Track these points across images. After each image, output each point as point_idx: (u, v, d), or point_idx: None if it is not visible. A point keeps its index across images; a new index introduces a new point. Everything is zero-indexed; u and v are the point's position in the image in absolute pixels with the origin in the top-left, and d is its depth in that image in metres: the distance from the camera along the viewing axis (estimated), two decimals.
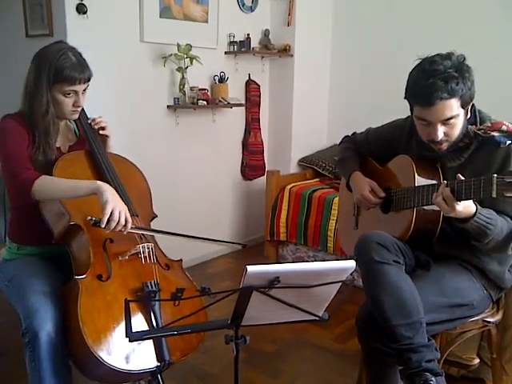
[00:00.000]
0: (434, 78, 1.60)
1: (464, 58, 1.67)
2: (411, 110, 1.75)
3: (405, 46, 3.65)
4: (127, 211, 1.71)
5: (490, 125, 1.68)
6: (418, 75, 1.66)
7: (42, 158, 1.80)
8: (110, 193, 1.68)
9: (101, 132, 1.96)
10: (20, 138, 1.78)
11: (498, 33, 3.37)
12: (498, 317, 1.90)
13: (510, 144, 1.62)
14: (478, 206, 1.59)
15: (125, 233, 1.71)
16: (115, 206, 1.66)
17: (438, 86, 1.59)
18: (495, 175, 1.43)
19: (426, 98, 1.63)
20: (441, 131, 1.67)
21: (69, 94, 1.79)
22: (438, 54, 1.67)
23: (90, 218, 1.68)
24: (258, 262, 1.24)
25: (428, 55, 1.68)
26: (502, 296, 1.92)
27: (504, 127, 1.64)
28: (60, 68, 1.75)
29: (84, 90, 1.83)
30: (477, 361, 2.25)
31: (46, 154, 1.81)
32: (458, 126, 1.68)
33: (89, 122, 1.95)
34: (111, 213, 1.65)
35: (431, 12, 3.62)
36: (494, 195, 1.43)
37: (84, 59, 1.83)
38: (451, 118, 1.65)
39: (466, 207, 1.55)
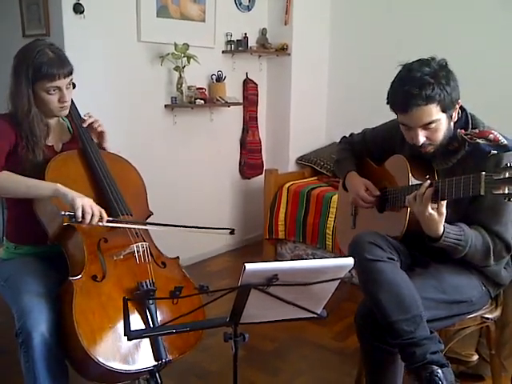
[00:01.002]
0: (409, 86, 1.63)
1: (446, 63, 1.68)
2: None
3: (404, 45, 3.64)
4: (96, 205, 1.70)
5: (477, 131, 1.68)
6: (396, 82, 1.71)
7: (33, 157, 1.80)
8: (73, 191, 1.68)
9: (99, 129, 1.96)
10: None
11: (497, 33, 3.36)
12: (497, 313, 1.90)
13: (496, 153, 1.62)
14: (447, 228, 1.62)
15: (102, 224, 1.69)
16: (83, 200, 1.66)
17: (413, 93, 1.62)
18: (483, 173, 1.44)
19: (401, 105, 1.67)
20: (422, 136, 1.69)
21: (52, 90, 1.78)
22: (418, 60, 1.69)
23: (63, 213, 1.64)
24: (256, 260, 1.24)
25: (408, 61, 1.70)
26: (500, 292, 1.92)
27: (491, 136, 1.63)
28: (38, 66, 1.73)
29: (69, 85, 1.82)
30: (476, 357, 2.25)
31: (35, 153, 1.80)
32: (441, 130, 1.69)
33: (82, 117, 1.94)
34: (83, 206, 1.64)
35: (431, 10, 3.61)
36: (482, 193, 1.44)
37: (63, 54, 1.81)
38: (431, 123, 1.66)
39: (436, 221, 1.59)
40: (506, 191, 1.39)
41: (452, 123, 1.73)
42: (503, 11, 3.33)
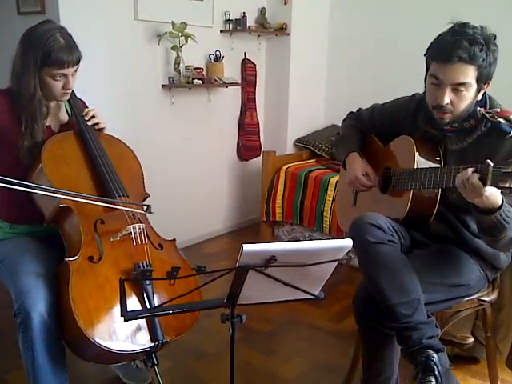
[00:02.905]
0: (459, 37, 1.58)
1: (495, 37, 1.63)
2: (427, 68, 1.71)
3: (406, 24, 3.58)
4: None
5: (499, 111, 1.65)
6: (446, 33, 1.65)
7: (30, 142, 1.78)
8: None
9: (96, 127, 1.94)
10: None
11: (500, 17, 3.30)
12: (494, 296, 1.91)
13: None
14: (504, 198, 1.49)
15: None
16: None
17: (462, 45, 1.57)
18: (492, 164, 1.39)
19: (446, 54, 1.59)
20: (448, 96, 1.63)
21: (58, 76, 1.76)
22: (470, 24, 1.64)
23: None
24: (253, 242, 1.23)
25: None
26: (497, 276, 1.92)
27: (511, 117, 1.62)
28: (48, 51, 1.71)
29: (75, 72, 1.80)
30: (471, 340, 2.27)
31: (34, 137, 1.79)
32: (466, 99, 1.64)
33: (83, 114, 1.92)
34: None
35: None
36: (489, 185, 1.40)
37: (73, 40, 1.79)
38: (462, 85, 1.61)
39: (493, 195, 1.45)
40: None
41: (476, 99, 1.68)
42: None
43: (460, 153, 1.73)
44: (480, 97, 1.69)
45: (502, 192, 1.46)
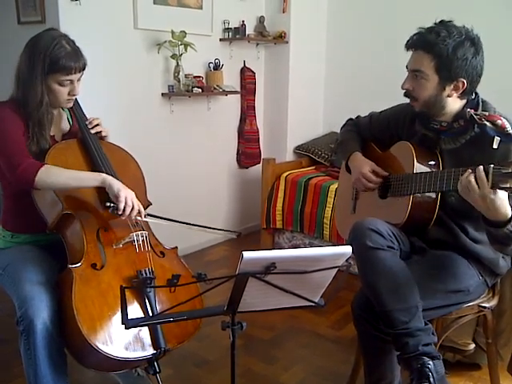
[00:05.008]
0: (426, 28, 1.69)
1: (477, 40, 1.66)
2: None
3: (403, 31, 3.57)
4: (137, 199, 1.78)
5: (487, 114, 1.66)
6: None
7: (36, 148, 1.79)
8: (118, 182, 1.75)
9: (99, 135, 1.96)
10: (16, 125, 1.76)
11: (499, 19, 3.32)
12: (494, 302, 1.91)
13: (499, 140, 1.60)
14: None
15: (142, 219, 1.81)
16: (127, 193, 1.74)
17: (420, 35, 1.69)
18: (492, 165, 1.41)
19: (407, 41, 1.74)
20: (408, 82, 1.75)
21: (65, 83, 1.78)
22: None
23: (108, 204, 1.75)
24: (254, 249, 1.23)
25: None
26: (497, 281, 1.92)
27: (499, 122, 1.61)
28: (55, 58, 1.73)
29: (80, 78, 1.82)
30: (472, 346, 2.26)
31: (40, 144, 1.80)
32: (426, 88, 1.70)
33: (87, 123, 1.94)
34: (126, 199, 1.72)
35: None
36: (490, 186, 1.41)
37: (78, 47, 1.81)
38: (418, 72, 1.70)
39: (499, 202, 1.44)
40: None
41: (445, 94, 1.70)
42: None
43: (454, 152, 1.74)
44: (453, 94, 1.70)
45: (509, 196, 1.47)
